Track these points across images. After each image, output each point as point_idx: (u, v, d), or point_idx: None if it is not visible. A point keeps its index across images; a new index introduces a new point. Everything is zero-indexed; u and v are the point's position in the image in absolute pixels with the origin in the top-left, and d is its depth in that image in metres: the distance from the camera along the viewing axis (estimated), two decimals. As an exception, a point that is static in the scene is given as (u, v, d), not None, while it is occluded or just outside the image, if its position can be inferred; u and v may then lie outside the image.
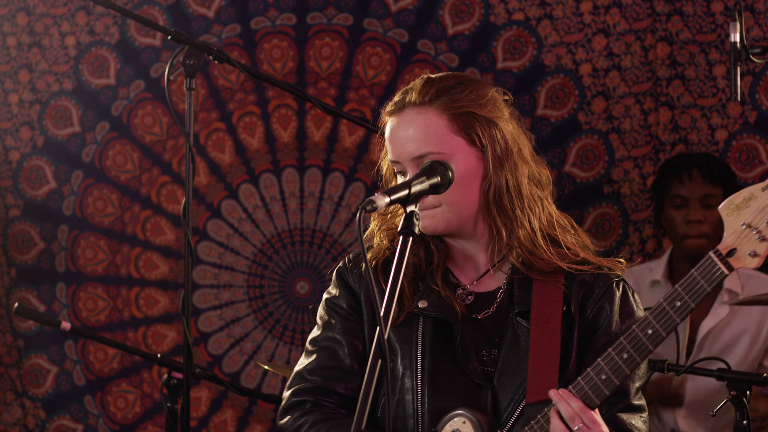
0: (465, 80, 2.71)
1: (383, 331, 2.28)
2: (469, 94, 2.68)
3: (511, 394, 2.63)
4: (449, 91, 2.68)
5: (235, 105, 5.24)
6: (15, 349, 5.24)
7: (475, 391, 2.64)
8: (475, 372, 2.65)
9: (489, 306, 2.70)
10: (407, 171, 2.66)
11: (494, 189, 2.66)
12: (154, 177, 5.25)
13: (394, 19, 5.17)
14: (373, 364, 2.27)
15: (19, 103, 5.27)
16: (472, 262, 2.74)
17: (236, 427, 5.27)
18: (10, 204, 5.27)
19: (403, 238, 2.41)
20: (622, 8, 5.03)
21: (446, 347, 2.67)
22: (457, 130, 2.65)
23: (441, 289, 2.67)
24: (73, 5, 5.23)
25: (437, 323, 2.68)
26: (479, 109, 2.67)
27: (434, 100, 2.66)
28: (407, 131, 2.66)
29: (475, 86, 2.70)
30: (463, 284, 2.73)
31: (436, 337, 2.67)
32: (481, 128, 2.66)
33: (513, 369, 2.64)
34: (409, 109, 2.68)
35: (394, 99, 2.73)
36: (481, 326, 2.69)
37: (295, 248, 5.25)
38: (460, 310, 2.68)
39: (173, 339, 5.26)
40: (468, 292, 2.72)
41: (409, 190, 2.45)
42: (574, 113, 5.08)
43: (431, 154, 2.63)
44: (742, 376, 3.44)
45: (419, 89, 2.68)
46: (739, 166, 4.97)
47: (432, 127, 2.65)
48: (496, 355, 2.66)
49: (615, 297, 2.69)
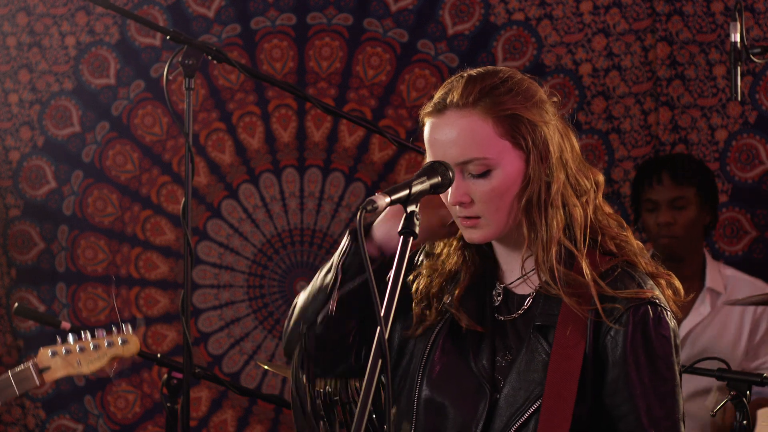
0: (509, 78, 2.57)
1: (383, 331, 2.27)
2: (515, 95, 2.55)
3: (511, 412, 2.54)
4: (493, 91, 2.55)
5: (235, 105, 5.24)
6: (15, 349, 5.24)
7: (474, 398, 2.57)
8: (486, 375, 2.57)
9: (516, 310, 2.62)
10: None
11: (527, 195, 2.55)
12: (154, 177, 5.25)
13: (394, 19, 5.17)
14: (373, 364, 2.27)
15: (19, 103, 5.27)
16: (509, 263, 2.64)
17: (236, 427, 5.27)
18: (10, 204, 5.28)
19: (404, 238, 2.40)
20: (622, 8, 5.03)
21: (461, 347, 2.61)
22: (502, 134, 2.53)
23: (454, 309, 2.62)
24: (73, 5, 5.24)
25: (454, 326, 2.63)
26: (525, 111, 2.55)
27: (478, 102, 2.53)
28: (450, 135, 2.54)
29: (521, 86, 2.57)
30: (498, 282, 2.65)
31: (455, 332, 2.62)
32: (527, 131, 2.54)
33: (519, 387, 2.55)
34: (452, 111, 2.55)
35: (433, 99, 2.60)
36: (504, 330, 2.62)
37: (295, 248, 5.25)
38: (488, 313, 2.62)
39: (173, 339, 5.26)
40: (499, 292, 2.64)
41: (409, 190, 2.43)
42: (573, 113, 5.06)
43: (477, 159, 2.52)
44: (742, 376, 3.44)
45: (461, 89, 2.55)
46: (739, 166, 4.97)
47: (477, 130, 2.53)
48: (509, 362, 2.59)
49: (630, 326, 2.51)
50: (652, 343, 2.52)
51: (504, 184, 2.54)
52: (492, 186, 2.54)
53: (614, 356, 2.52)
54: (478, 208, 2.55)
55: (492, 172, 2.54)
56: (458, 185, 2.53)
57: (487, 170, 2.54)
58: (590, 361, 2.53)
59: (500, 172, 2.54)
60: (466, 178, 2.54)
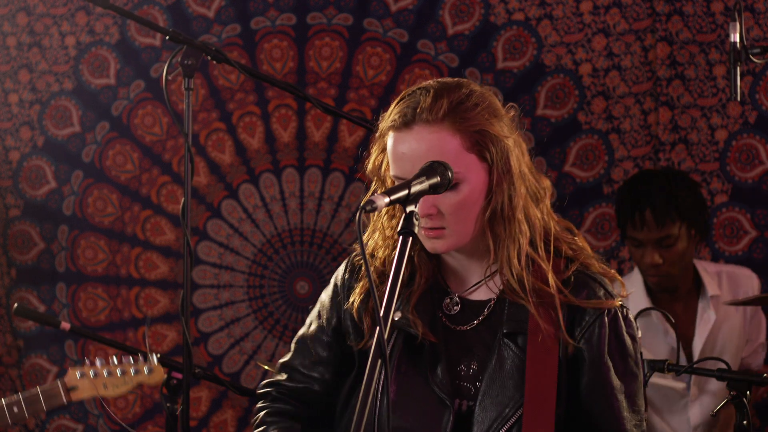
0: (473, 92, 2.62)
1: (383, 331, 2.28)
2: (481, 111, 2.60)
3: (491, 420, 2.58)
4: (460, 106, 2.59)
5: (235, 105, 5.24)
6: (15, 349, 5.24)
7: (437, 411, 2.60)
8: (442, 389, 2.60)
9: (477, 316, 2.67)
10: None
11: (491, 208, 2.60)
12: (154, 177, 5.25)
13: (394, 19, 5.17)
14: (373, 364, 2.27)
15: (19, 103, 5.27)
16: (466, 272, 2.70)
17: (236, 427, 5.27)
18: (10, 204, 5.28)
19: (403, 238, 2.40)
20: (622, 8, 5.03)
21: (417, 362, 2.63)
22: (469, 148, 2.58)
23: (411, 314, 2.63)
24: (73, 5, 5.24)
25: (409, 337, 2.64)
26: (490, 126, 2.60)
27: (446, 117, 2.57)
28: (419, 149, 2.57)
29: (485, 100, 2.62)
30: (452, 292, 2.69)
31: (405, 351, 2.64)
32: (492, 145, 2.59)
33: (496, 394, 2.59)
34: (420, 126, 2.58)
35: (396, 111, 2.61)
36: (463, 338, 2.65)
37: (295, 248, 5.25)
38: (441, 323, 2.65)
39: (173, 339, 5.26)
40: (455, 302, 2.68)
41: (408, 190, 2.44)
42: (574, 113, 5.08)
43: None
44: (742, 376, 3.44)
45: (430, 103, 2.58)
46: (739, 166, 4.97)
47: (446, 146, 2.56)
48: (475, 370, 2.63)
49: (604, 329, 2.62)
50: (624, 343, 2.65)
51: (471, 196, 2.58)
52: (459, 199, 2.58)
53: (590, 358, 2.62)
54: (445, 220, 2.59)
55: (459, 185, 2.58)
56: (426, 198, 2.54)
57: (455, 183, 2.56)
58: (564, 365, 2.60)
59: (467, 186, 2.58)
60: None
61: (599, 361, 2.61)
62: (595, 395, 2.62)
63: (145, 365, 3.72)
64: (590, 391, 2.62)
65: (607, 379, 2.61)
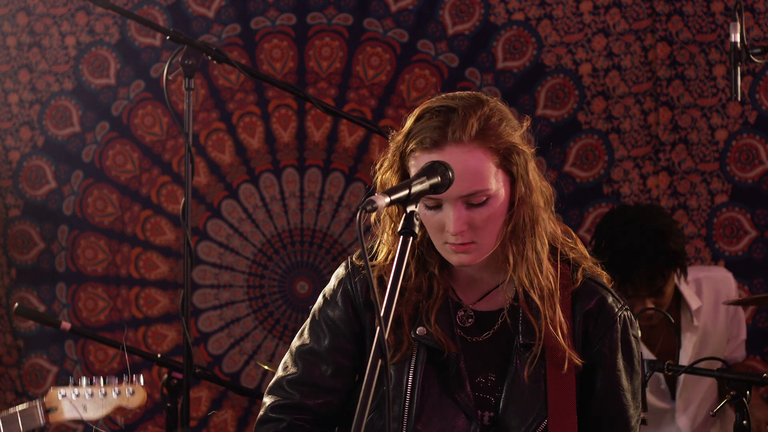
0: (495, 107, 2.64)
1: (383, 331, 2.27)
2: (506, 126, 2.63)
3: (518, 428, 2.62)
4: (488, 123, 2.60)
5: (235, 105, 5.24)
6: (15, 349, 5.24)
7: (464, 424, 2.63)
8: (467, 403, 2.63)
9: (490, 326, 2.69)
10: (444, 206, 2.60)
11: (514, 221, 2.63)
12: (154, 177, 5.25)
13: (394, 19, 5.17)
14: (373, 365, 2.27)
15: (19, 103, 5.27)
16: (475, 282, 2.72)
17: (236, 427, 5.27)
18: (10, 204, 5.27)
19: (403, 238, 2.40)
20: (622, 8, 5.03)
21: (441, 376, 2.65)
22: (498, 163, 2.61)
23: (434, 329, 2.64)
24: (73, 5, 5.24)
25: (433, 351, 2.66)
26: (516, 141, 2.63)
27: (478, 137, 2.59)
28: (454, 170, 2.54)
29: (506, 114, 2.65)
30: (465, 304, 2.71)
31: (430, 365, 2.65)
32: (517, 159, 2.62)
33: (518, 405, 2.63)
34: (452, 146, 2.58)
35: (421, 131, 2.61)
36: (479, 350, 2.68)
37: (295, 248, 5.25)
38: (458, 335, 2.67)
39: (173, 339, 5.26)
40: (469, 314, 2.70)
41: (409, 190, 2.43)
42: (574, 113, 5.08)
43: (480, 191, 2.58)
44: (742, 376, 3.44)
45: (460, 124, 2.58)
46: (739, 166, 4.97)
47: (481, 165, 2.58)
48: (494, 381, 2.66)
49: (617, 333, 2.69)
50: (631, 346, 2.72)
51: (499, 210, 2.61)
52: (489, 213, 2.60)
53: (605, 365, 2.68)
54: (475, 234, 2.61)
55: (490, 200, 2.61)
56: (460, 215, 2.58)
57: (486, 198, 2.60)
58: (580, 372, 2.66)
59: (495, 199, 2.61)
60: (464, 209, 2.59)
61: (613, 367, 2.68)
62: (609, 400, 2.68)
63: (127, 386, 3.64)
64: (604, 396, 2.68)
65: (620, 383, 2.68)
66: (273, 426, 2.76)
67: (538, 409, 2.61)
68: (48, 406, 3.64)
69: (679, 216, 4.99)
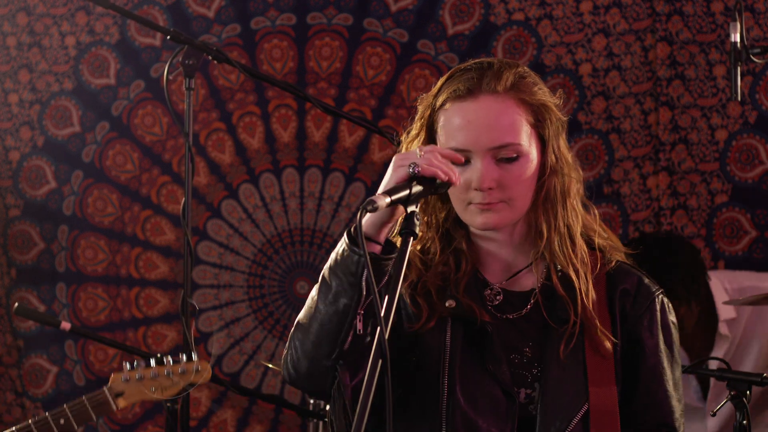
0: (531, 72, 2.61)
1: (383, 331, 2.27)
2: (541, 89, 2.59)
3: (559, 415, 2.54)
4: (523, 80, 2.57)
5: (235, 105, 5.24)
6: (15, 349, 5.24)
7: (502, 400, 2.56)
8: (504, 377, 2.55)
9: (522, 306, 2.62)
10: (473, 160, 2.54)
11: (546, 189, 2.58)
12: (154, 177, 5.25)
13: (394, 19, 5.17)
14: (374, 365, 2.26)
15: (19, 103, 5.27)
16: (502, 262, 2.65)
17: (236, 427, 5.27)
18: (10, 204, 5.28)
19: (404, 238, 2.39)
20: (622, 8, 5.03)
21: (475, 350, 2.57)
22: (532, 122, 2.57)
23: (462, 298, 2.58)
24: (73, 5, 5.24)
25: (466, 323, 2.59)
26: (550, 104, 2.59)
27: (512, 89, 2.56)
28: (485, 119, 2.53)
29: (541, 82, 2.62)
30: (491, 283, 2.64)
31: (464, 339, 2.58)
32: (550, 122, 2.58)
33: (559, 385, 2.56)
34: (486, 96, 2.55)
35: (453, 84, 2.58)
36: (511, 327, 2.61)
37: (295, 248, 5.25)
38: (489, 310, 2.60)
39: (173, 339, 5.26)
40: (497, 292, 2.63)
41: (409, 190, 2.42)
42: (574, 113, 5.08)
43: (512, 144, 2.53)
44: (742, 376, 3.44)
45: (495, 75, 2.56)
46: (739, 166, 4.97)
47: (514, 117, 2.54)
48: (529, 358, 2.58)
49: (656, 314, 2.63)
50: (671, 331, 2.65)
51: (530, 170, 2.56)
52: (520, 172, 2.55)
53: (645, 347, 2.61)
54: (504, 193, 2.55)
55: (520, 158, 2.55)
56: (489, 170, 2.53)
57: (517, 155, 2.55)
58: (619, 355, 2.59)
59: (527, 159, 2.56)
60: (493, 164, 2.54)
61: (656, 349, 2.61)
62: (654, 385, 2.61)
63: (193, 364, 3.63)
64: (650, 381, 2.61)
65: (663, 367, 2.61)
66: None
67: (580, 390, 2.55)
68: (116, 391, 3.62)
69: (679, 216, 4.99)
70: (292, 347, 2.55)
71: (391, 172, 2.45)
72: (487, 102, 2.55)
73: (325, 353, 2.50)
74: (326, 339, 2.50)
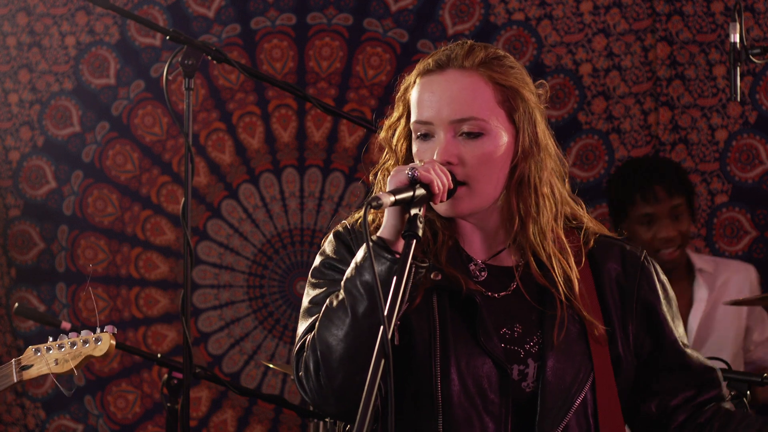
0: (509, 58, 2.59)
1: (386, 331, 2.26)
2: (516, 73, 2.56)
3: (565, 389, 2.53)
4: (496, 60, 2.55)
5: (235, 105, 5.24)
6: (15, 349, 5.24)
7: (495, 375, 2.52)
8: (495, 351, 2.52)
9: (507, 283, 2.59)
10: (436, 134, 2.52)
11: (518, 175, 2.54)
12: (154, 177, 5.25)
13: (394, 19, 5.17)
14: (375, 364, 2.26)
15: (19, 103, 5.27)
16: (485, 240, 2.62)
17: (236, 427, 5.27)
18: (10, 204, 5.28)
19: (406, 240, 2.39)
20: (622, 8, 5.04)
21: (464, 325, 2.53)
22: (500, 102, 2.53)
23: (446, 269, 2.53)
24: (73, 5, 5.24)
25: (452, 299, 2.54)
26: (522, 89, 2.55)
27: (480, 66, 2.53)
28: (449, 91, 2.51)
29: (519, 68, 2.59)
30: (475, 259, 2.61)
31: (453, 311, 2.54)
32: (523, 107, 2.54)
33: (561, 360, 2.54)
34: (453, 69, 2.53)
35: (429, 61, 2.56)
36: (499, 303, 2.57)
37: (295, 248, 5.25)
38: (473, 286, 2.55)
39: (173, 339, 5.26)
40: (481, 267, 2.60)
41: (413, 192, 2.43)
42: (574, 113, 5.08)
43: (473, 119, 2.50)
44: (742, 376, 3.44)
45: (466, 51, 2.54)
46: (739, 166, 4.97)
47: (478, 90, 2.51)
48: (520, 333, 2.55)
49: (652, 275, 2.66)
50: (667, 288, 2.69)
51: (495, 152, 2.52)
52: (483, 150, 2.52)
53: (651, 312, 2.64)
54: (466, 172, 2.52)
55: (484, 136, 2.52)
56: (448, 143, 2.50)
57: (480, 132, 2.52)
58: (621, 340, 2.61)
59: (492, 139, 2.52)
60: (456, 138, 2.52)
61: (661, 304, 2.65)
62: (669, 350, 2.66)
63: (94, 336, 3.44)
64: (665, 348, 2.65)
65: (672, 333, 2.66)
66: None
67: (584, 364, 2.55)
68: (24, 363, 3.54)
69: (679, 216, 4.99)
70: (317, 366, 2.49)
71: (391, 177, 2.45)
72: (453, 75, 2.53)
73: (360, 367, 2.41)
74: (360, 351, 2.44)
